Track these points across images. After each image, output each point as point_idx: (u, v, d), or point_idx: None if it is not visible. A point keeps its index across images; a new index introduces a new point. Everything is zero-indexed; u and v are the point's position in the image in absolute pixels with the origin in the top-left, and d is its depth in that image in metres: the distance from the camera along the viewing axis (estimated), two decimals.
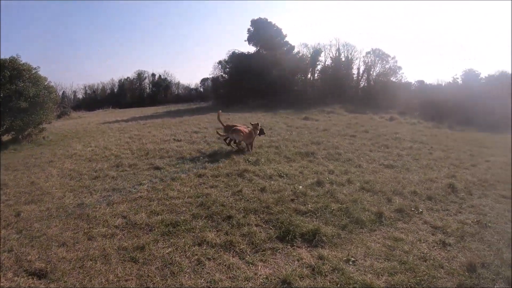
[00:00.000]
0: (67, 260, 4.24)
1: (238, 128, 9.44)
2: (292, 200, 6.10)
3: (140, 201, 6.17)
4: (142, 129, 14.78)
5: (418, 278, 3.90)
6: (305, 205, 5.87)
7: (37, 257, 4.34)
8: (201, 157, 8.96)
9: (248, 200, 6.08)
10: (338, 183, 7.08)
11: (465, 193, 6.99)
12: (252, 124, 9.85)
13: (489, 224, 5.49)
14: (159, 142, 11.20)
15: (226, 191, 6.56)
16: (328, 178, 7.34)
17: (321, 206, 5.80)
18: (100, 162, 8.99)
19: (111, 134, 13.66)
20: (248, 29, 32.32)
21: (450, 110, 21.87)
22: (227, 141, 9.87)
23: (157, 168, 8.18)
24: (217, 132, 10.03)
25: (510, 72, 26.03)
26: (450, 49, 63.30)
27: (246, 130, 9.44)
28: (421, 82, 33.72)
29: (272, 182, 6.99)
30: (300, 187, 6.69)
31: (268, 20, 31.95)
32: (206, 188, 6.73)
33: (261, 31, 31.64)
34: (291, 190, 6.51)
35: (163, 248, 4.52)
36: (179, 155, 9.26)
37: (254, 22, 32.11)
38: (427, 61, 61.15)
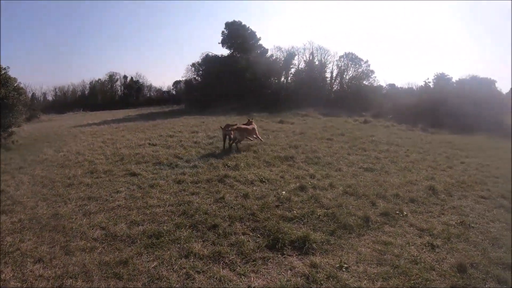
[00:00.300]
0: (44, 278, 3.91)
1: (242, 127, 10.17)
2: (277, 206, 6.01)
3: (118, 211, 5.88)
4: (115, 133, 14.27)
5: (412, 282, 3.91)
6: (290, 211, 5.79)
7: (11, 275, 3.99)
8: (179, 162, 8.73)
9: (232, 207, 5.93)
10: (321, 187, 7.05)
11: (445, 195, 7.14)
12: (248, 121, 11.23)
13: (472, 225, 5.63)
14: (134, 146, 10.83)
15: (208, 198, 6.38)
16: (310, 182, 7.29)
17: (307, 212, 5.74)
18: (73, 168, 8.55)
19: (84, 138, 13.12)
20: (222, 32, 32.24)
21: (422, 113, 22.47)
22: (230, 142, 9.98)
23: (134, 174, 7.86)
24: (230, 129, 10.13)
25: (480, 76, 27.34)
26: (422, 53, 65.48)
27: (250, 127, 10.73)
28: (392, 86, 34.77)
29: (254, 188, 6.88)
30: (284, 192, 6.60)
31: (243, 23, 32.06)
32: (187, 195, 6.52)
33: (235, 34, 31.65)
34: (275, 196, 6.42)
35: (148, 262, 4.27)
36: (155, 160, 8.95)
37: (228, 25, 32.06)
38: (398, 65, 63.03)
